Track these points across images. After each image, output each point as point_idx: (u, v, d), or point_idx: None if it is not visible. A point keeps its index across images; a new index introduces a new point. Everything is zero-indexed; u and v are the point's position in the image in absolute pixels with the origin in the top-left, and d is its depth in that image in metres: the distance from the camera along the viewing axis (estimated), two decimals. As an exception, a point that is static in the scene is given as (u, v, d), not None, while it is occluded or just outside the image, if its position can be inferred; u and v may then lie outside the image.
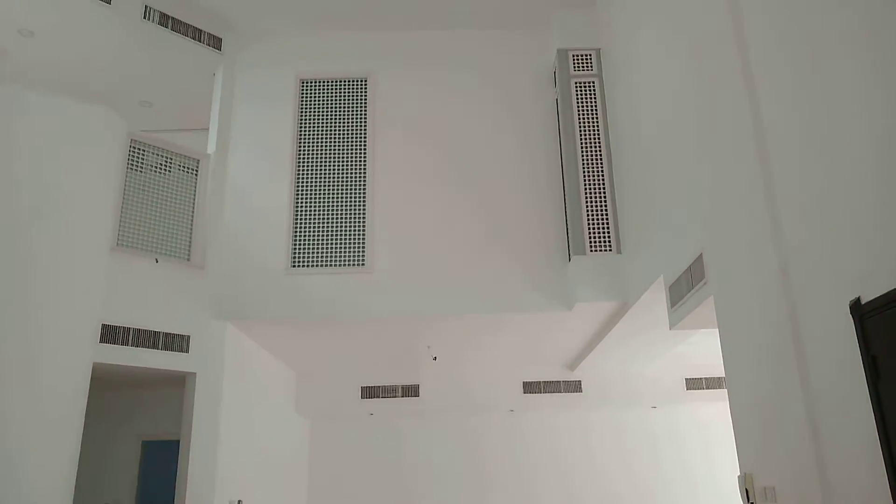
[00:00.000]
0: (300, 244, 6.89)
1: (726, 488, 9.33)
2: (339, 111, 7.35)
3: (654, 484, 9.78)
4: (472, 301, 6.73)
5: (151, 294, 6.31)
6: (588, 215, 6.58)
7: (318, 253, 6.86)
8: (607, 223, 6.57)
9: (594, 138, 6.82)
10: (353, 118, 7.32)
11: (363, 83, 7.45)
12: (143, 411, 7.42)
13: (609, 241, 6.53)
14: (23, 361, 4.15)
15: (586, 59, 7.05)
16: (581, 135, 6.84)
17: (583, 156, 6.78)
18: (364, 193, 7.05)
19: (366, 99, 7.38)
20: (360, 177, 7.10)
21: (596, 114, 6.89)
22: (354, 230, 6.94)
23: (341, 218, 6.99)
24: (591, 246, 6.50)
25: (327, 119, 7.33)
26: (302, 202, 7.02)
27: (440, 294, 6.74)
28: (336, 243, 6.90)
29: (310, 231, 6.93)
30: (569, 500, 9.83)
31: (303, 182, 7.08)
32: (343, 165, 7.13)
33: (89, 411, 5.24)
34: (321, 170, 7.12)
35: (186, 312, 6.52)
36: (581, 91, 6.97)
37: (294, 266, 6.82)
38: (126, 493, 7.14)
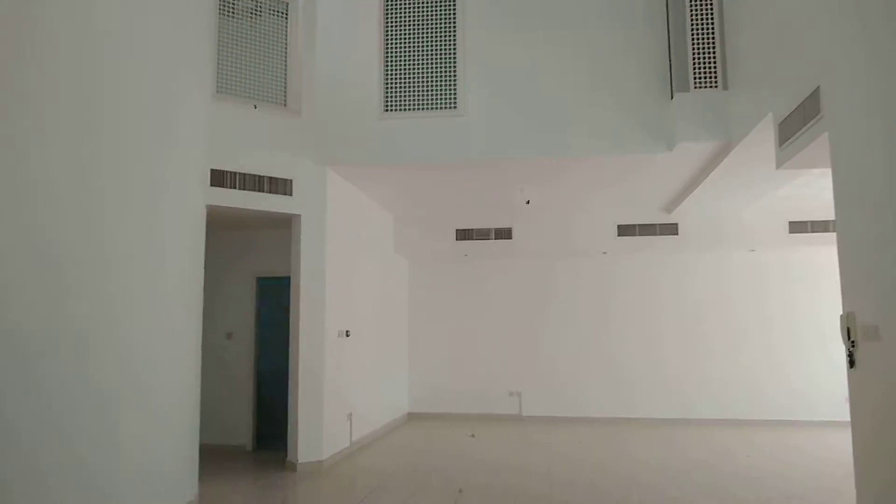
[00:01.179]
0: (392, 88, 6.86)
1: (826, 330, 9.28)
2: (428, -57, 6.97)
3: (751, 325, 9.82)
4: (567, 142, 6.61)
5: (253, 139, 6.56)
6: (693, 49, 6.16)
7: (409, 96, 6.83)
8: (714, 57, 6.13)
9: (705, -39, 6.21)
10: (442, -50, 6.94)
11: (452, -89, 6.97)
12: (256, 250, 7.98)
13: (715, 77, 6.13)
14: (144, 207, 4.49)
15: None
16: (690, -43, 6.24)
17: (691, -19, 6.22)
18: (455, 34, 6.83)
19: (455, -71, 6.94)
20: (450, 17, 6.85)
21: (708, -68, 6.22)
22: (446, 72, 6.81)
23: (432, 60, 6.84)
24: (695, 82, 6.13)
25: (415, -47, 6.99)
26: (392, 45, 6.89)
27: (533, 136, 6.64)
28: (428, 86, 6.82)
29: (401, 74, 6.86)
30: (656, 341, 10.08)
31: (392, 23, 6.91)
32: (433, 5, 6.88)
33: (208, 251, 5.69)
34: (411, 10, 6.90)
35: (287, 157, 6.76)
36: None
37: (387, 110, 6.84)
38: (245, 325, 7.86)
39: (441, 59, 6.83)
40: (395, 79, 6.87)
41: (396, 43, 6.89)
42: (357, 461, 7.22)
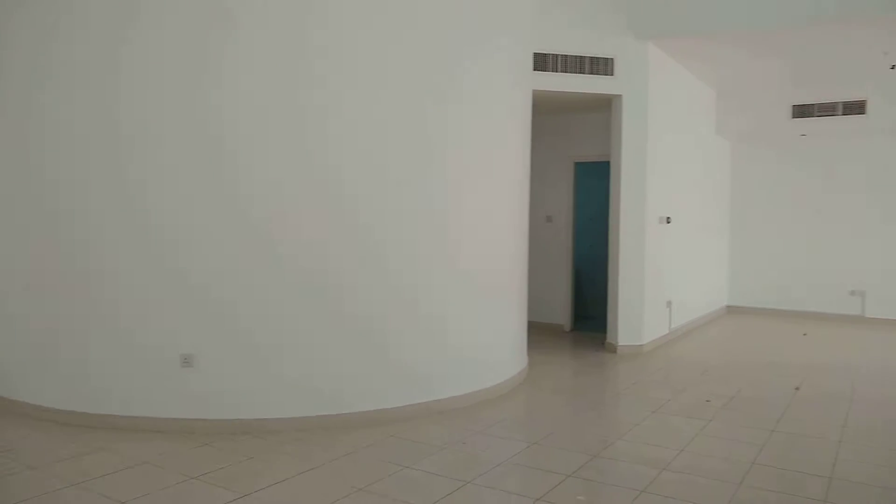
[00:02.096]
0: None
1: None
2: None
3: None
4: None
5: (574, 19, 6.37)
6: None
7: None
8: None
9: None
10: None
11: None
12: (573, 134, 7.94)
13: None
14: (476, 94, 4.68)
15: None
16: None
17: None
18: None
19: None
20: None
21: None
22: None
23: None
24: None
25: None
26: None
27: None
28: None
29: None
30: None
31: None
32: None
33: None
34: None
35: (608, 34, 6.47)
36: None
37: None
38: (562, 210, 7.97)
39: None
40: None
41: None
42: (676, 349, 7.08)
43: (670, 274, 7.50)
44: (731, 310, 9.95)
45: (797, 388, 5.39)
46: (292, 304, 4.13)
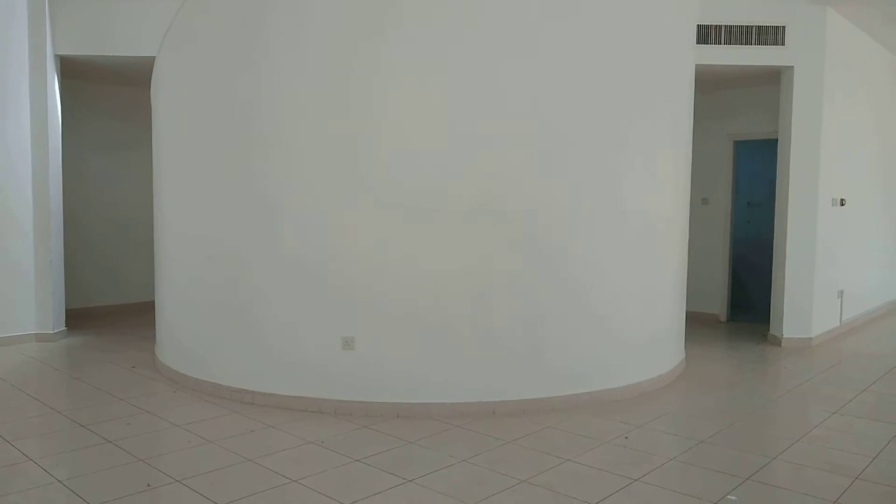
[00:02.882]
0: None
1: None
2: None
3: None
4: None
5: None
6: None
7: None
8: None
9: None
10: None
11: None
12: (732, 110, 7.38)
13: None
14: (638, 72, 4.43)
15: None
16: None
17: None
18: None
19: None
20: None
21: None
22: None
23: None
24: None
25: None
26: None
27: None
28: None
29: None
30: None
31: None
32: None
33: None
34: None
35: (779, 1, 5.93)
36: None
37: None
38: (721, 191, 7.45)
39: None
40: None
41: None
42: (849, 343, 6.47)
43: (843, 261, 6.85)
44: (912, 302, 8.98)
45: None
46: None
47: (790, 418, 4.34)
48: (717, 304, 7.56)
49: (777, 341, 6.29)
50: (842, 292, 6.83)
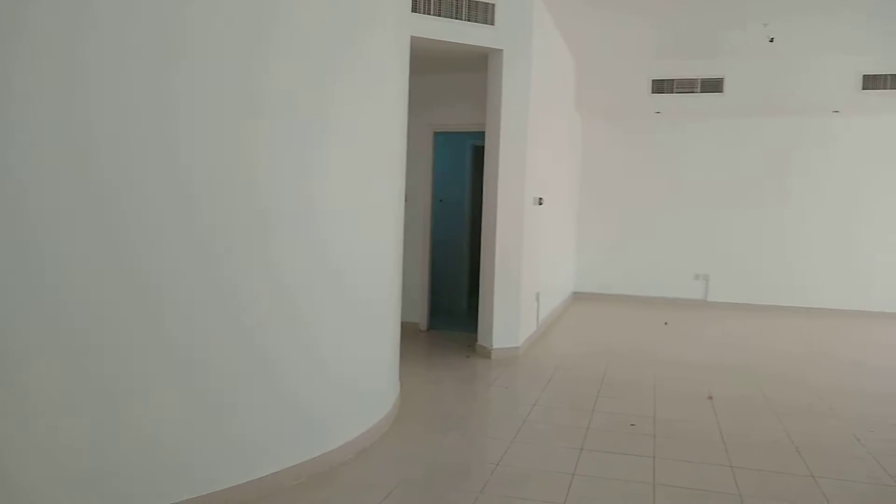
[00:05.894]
0: None
1: None
2: None
3: None
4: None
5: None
6: None
7: None
8: None
9: None
10: None
11: None
12: (433, 99, 6.67)
13: None
14: (344, 41, 3.26)
15: None
16: None
17: None
18: None
19: None
20: None
21: None
22: None
23: None
24: None
25: None
26: None
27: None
28: None
29: None
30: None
31: None
32: None
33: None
34: None
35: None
36: None
37: None
38: (420, 189, 6.71)
39: None
40: None
41: None
42: (552, 350, 6.21)
43: (539, 262, 6.62)
44: (578, 297, 9.43)
45: (710, 398, 4.70)
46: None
47: (541, 471, 3.58)
48: (418, 311, 6.84)
49: (486, 353, 5.73)
50: (538, 294, 6.59)
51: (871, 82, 7.40)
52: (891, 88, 7.36)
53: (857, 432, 4.02)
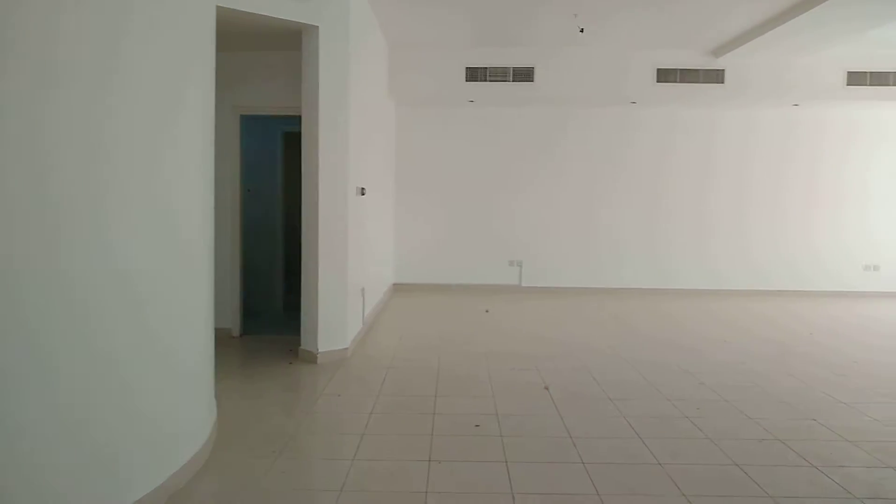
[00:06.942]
0: None
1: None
2: None
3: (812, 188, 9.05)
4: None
5: None
6: None
7: None
8: None
9: None
10: None
11: None
12: (238, 78, 5.98)
13: None
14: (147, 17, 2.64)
15: None
16: None
17: None
18: None
19: None
20: None
21: None
22: None
23: None
24: None
25: None
26: None
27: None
28: None
29: None
30: (693, 200, 9.13)
31: None
32: None
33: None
34: None
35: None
36: None
37: None
38: (227, 177, 5.99)
39: None
40: None
41: None
42: (379, 348, 5.89)
43: (363, 255, 6.26)
44: (398, 287, 9.21)
45: (546, 388, 4.66)
46: None
47: (388, 481, 3.23)
48: (229, 316, 6.17)
49: (312, 357, 5.27)
50: (364, 289, 6.23)
51: (664, 76, 7.90)
52: (681, 82, 7.91)
53: (688, 413, 4.16)
